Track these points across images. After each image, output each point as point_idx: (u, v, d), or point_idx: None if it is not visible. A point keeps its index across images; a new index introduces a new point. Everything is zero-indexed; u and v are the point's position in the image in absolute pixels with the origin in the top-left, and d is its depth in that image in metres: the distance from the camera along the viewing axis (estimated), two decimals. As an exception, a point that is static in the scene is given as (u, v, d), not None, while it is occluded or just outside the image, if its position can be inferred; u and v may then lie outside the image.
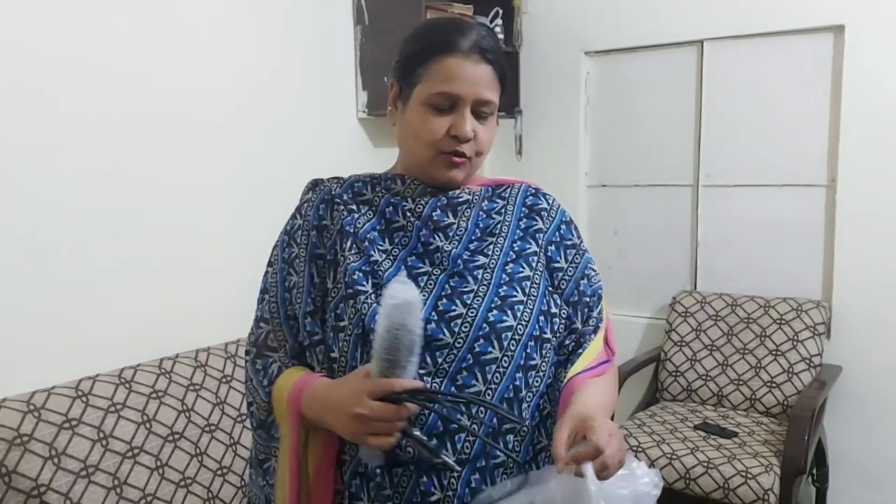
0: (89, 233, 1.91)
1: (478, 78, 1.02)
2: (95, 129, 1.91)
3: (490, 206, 1.11)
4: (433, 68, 1.02)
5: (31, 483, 1.59)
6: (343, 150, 2.69)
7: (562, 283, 1.09)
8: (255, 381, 1.08)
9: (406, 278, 0.97)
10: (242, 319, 2.23)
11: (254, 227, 2.34)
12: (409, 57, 1.06)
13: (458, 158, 1.03)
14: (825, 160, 2.80)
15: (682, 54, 3.06)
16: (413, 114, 1.04)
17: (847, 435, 2.77)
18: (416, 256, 1.04)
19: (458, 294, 1.00)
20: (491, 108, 1.05)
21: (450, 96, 1.01)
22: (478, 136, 1.04)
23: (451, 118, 1.02)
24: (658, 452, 2.40)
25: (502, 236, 1.07)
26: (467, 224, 1.07)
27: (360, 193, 1.10)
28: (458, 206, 1.08)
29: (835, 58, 2.74)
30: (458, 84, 1.01)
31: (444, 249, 1.03)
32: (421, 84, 1.03)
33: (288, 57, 2.47)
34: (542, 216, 1.12)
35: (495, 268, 1.04)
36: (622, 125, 3.24)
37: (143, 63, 2.02)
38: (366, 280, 1.00)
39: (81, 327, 1.90)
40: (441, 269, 1.03)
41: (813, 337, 2.69)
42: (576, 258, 1.12)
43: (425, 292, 1.00)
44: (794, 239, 2.88)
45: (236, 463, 1.99)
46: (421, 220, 1.05)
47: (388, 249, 1.04)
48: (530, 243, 1.08)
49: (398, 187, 1.09)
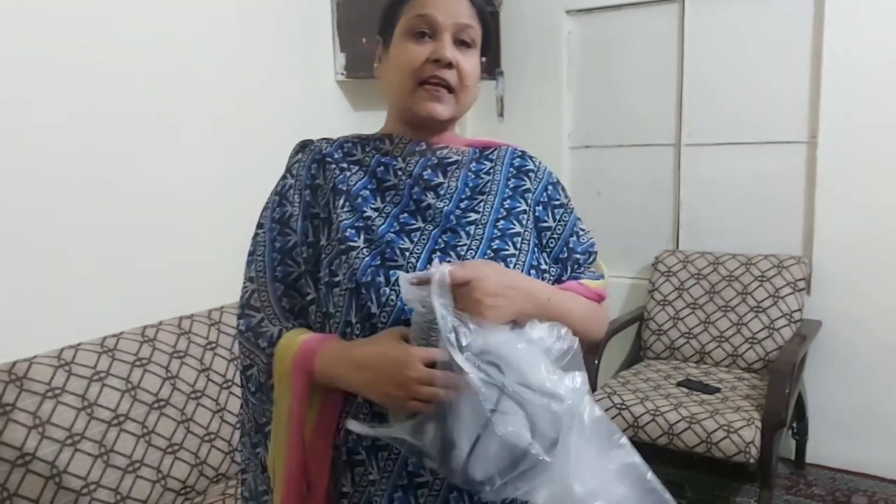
0: (70, 200, 1.88)
1: (456, 6, 1.03)
2: (78, 95, 1.87)
3: (478, 167, 1.11)
4: (412, 1, 1.04)
5: (16, 452, 1.58)
6: (322, 113, 2.66)
7: (550, 241, 1.11)
8: (249, 343, 1.05)
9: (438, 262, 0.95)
10: (226, 286, 2.22)
11: (235, 191, 2.31)
12: (389, 4, 1.07)
13: (438, 90, 1.02)
14: (806, 117, 2.81)
15: (664, 12, 3.03)
16: (395, 50, 1.05)
17: (826, 388, 2.82)
18: (408, 213, 1.04)
19: (452, 247, 1.01)
20: (472, 36, 1.04)
21: (427, 19, 1.02)
22: (461, 66, 1.03)
23: (431, 45, 1.02)
24: (642, 409, 2.43)
25: (492, 195, 1.08)
26: (457, 183, 1.08)
27: (350, 154, 1.09)
28: (447, 166, 1.08)
29: (815, 14, 2.73)
30: (434, 7, 1.02)
31: (435, 207, 1.04)
32: (401, 20, 1.04)
33: (265, 20, 2.42)
34: (529, 177, 1.13)
35: (487, 223, 1.05)
36: (604, 85, 3.22)
37: (120, 28, 1.97)
38: (358, 236, 1.01)
39: (63, 295, 1.87)
40: (434, 224, 1.03)
41: (793, 293, 2.72)
42: (564, 217, 1.13)
43: (419, 247, 1.01)
44: (775, 196, 2.89)
45: (223, 429, 1.99)
46: (412, 178, 1.06)
47: (380, 207, 1.04)
48: (519, 202, 1.10)
49: (387, 147, 1.09)
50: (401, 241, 1.01)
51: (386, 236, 1.01)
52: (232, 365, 2.08)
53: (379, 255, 0.99)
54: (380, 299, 0.97)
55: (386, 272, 0.98)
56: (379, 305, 0.96)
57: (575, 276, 1.12)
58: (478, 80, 1.09)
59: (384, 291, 0.97)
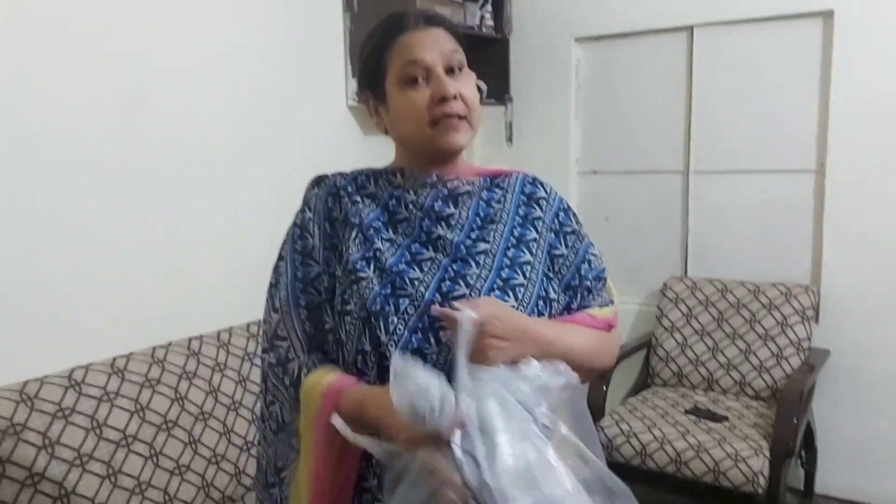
0: (83, 223, 1.90)
1: (434, 39, 1.05)
2: (91, 120, 1.90)
3: (489, 196, 1.13)
4: (392, 52, 1.05)
5: (25, 472, 1.59)
6: (332, 138, 2.69)
7: (562, 268, 1.12)
8: (276, 378, 1.07)
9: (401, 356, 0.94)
10: (234, 308, 2.25)
11: (245, 214, 2.34)
12: (366, 60, 1.10)
13: (453, 122, 1.04)
14: (814, 146, 2.82)
15: (672, 40, 3.06)
16: (394, 101, 1.06)
17: (835, 418, 2.80)
18: (419, 244, 1.06)
19: (461, 276, 1.03)
20: (460, 59, 1.07)
21: (417, 63, 1.03)
22: (462, 92, 1.04)
23: (429, 87, 1.04)
24: (650, 437, 2.42)
25: (502, 223, 1.10)
26: (468, 213, 1.09)
27: (364, 186, 1.11)
28: (458, 196, 1.10)
29: (824, 43, 2.75)
30: (420, 50, 1.04)
31: (446, 238, 1.06)
32: (388, 71, 1.06)
33: (277, 45, 2.46)
34: (540, 205, 1.15)
35: (497, 253, 1.06)
36: (612, 112, 3.25)
37: (135, 48, 2.00)
38: (368, 266, 1.02)
39: (74, 316, 1.89)
40: (444, 254, 1.05)
41: (802, 321, 2.72)
42: (576, 244, 1.15)
43: (429, 276, 1.02)
44: (783, 224, 2.90)
45: (230, 451, 1.99)
46: (423, 210, 1.07)
47: (392, 238, 1.06)
48: (530, 230, 1.11)
49: (399, 180, 1.11)
50: (411, 270, 1.03)
51: (396, 266, 1.03)
52: (240, 387, 2.08)
53: (389, 285, 1.01)
54: (388, 328, 0.98)
55: (395, 300, 1.00)
56: (387, 334, 0.98)
57: (584, 306, 1.13)
58: (478, 98, 1.10)
59: (392, 321, 0.98)
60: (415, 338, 0.98)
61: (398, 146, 1.14)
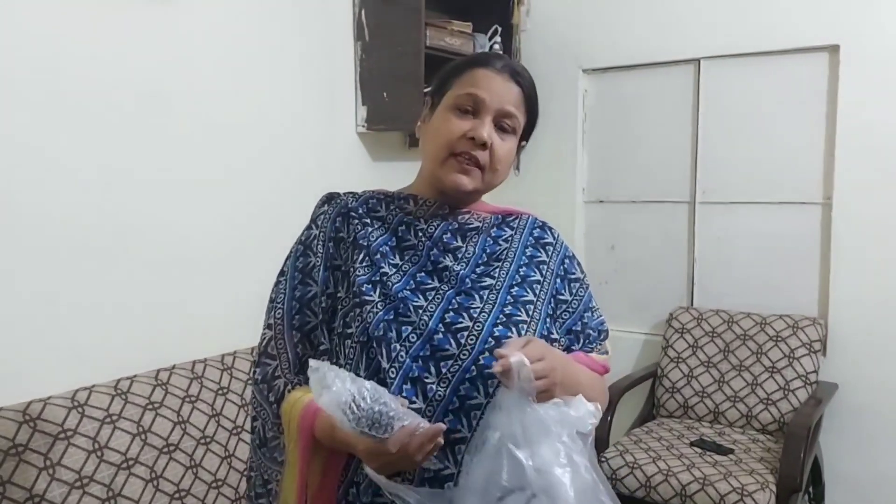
0: (87, 244, 1.91)
1: (505, 90, 1.07)
2: (100, 144, 1.92)
3: (498, 234, 1.14)
4: (465, 77, 1.08)
5: (25, 493, 1.58)
6: (342, 164, 2.71)
7: (564, 314, 1.13)
8: (261, 395, 1.08)
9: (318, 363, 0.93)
10: (239, 331, 2.25)
11: (252, 239, 2.35)
12: (446, 72, 1.12)
13: (468, 164, 1.05)
14: (821, 178, 2.82)
15: (679, 73, 3.09)
16: (437, 117, 1.09)
17: (843, 453, 2.77)
18: (425, 273, 1.06)
19: (465, 309, 1.03)
20: (514, 125, 1.08)
21: (474, 98, 1.05)
22: (495, 148, 1.06)
23: (471, 122, 1.05)
24: (654, 469, 2.40)
25: (508, 261, 1.10)
26: (475, 248, 1.10)
27: (375, 210, 1.12)
28: (467, 231, 1.11)
29: (830, 77, 2.77)
30: (484, 90, 1.05)
31: (452, 269, 1.06)
32: (450, 91, 1.08)
33: (288, 71, 2.49)
34: (546, 250, 1.16)
35: (501, 289, 1.06)
36: (619, 142, 3.27)
37: (146, 76, 2.03)
38: (374, 290, 1.02)
39: (78, 338, 1.89)
40: (449, 285, 1.05)
41: (809, 354, 2.70)
42: (580, 291, 1.16)
43: (433, 305, 1.03)
44: (790, 256, 2.89)
45: (231, 476, 1.98)
46: (432, 240, 1.08)
47: (398, 264, 1.06)
48: (534, 272, 1.11)
49: (411, 207, 1.12)
50: (415, 298, 1.03)
51: (401, 293, 1.03)
52: (242, 411, 2.08)
53: (393, 311, 1.01)
54: (390, 354, 0.98)
55: (398, 327, 1.00)
56: (388, 360, 0.98)
57: (586, 350, 1.15)
58: (510, 166, 1.12)
59: (394, 347, 0.98)
60: (416, 366, 0.98)
61: (420, 170, 1.15)
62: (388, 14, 2.66)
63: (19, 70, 1.75)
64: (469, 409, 0.97)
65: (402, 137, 2.98)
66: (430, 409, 0.96)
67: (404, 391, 0.97)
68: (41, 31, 1.79)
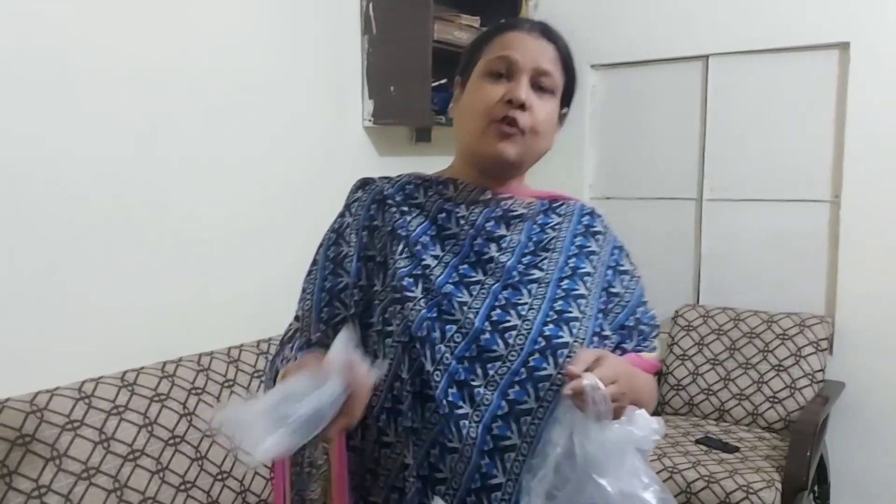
0: (95, 237, 1.91)
1: (539, 49, 1.00)
2: (108, 137, 1.92)
3: (545, 221, 1.07)
4: (494, 42, 1.02)
5: (31, 484, 1.58)
6: (348, 158, 2.70)
7: (616, 307, 1.06)
8: (267, 376, 1.05)
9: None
10: (246, 324, 2.25)
11: (257, 234, 2.35)
12: (473, 45, 1.06)
13: (509, 128, 0.97)
14: (829, 176, 2.81)
15: (688, 69, 3.08)
16: (470, 89, 1.02)
17: (849, 452, 2.76)
18: (468, 265, 1.00)
19: (513, 305, 0.96)
20: (552, 84, 1.01)
21: (506, 60, 0.99)
22: (535, 109, 0.98)
23: (507, 86, 0.98)
24: (660, 466, 2.39)
25: (557, 251, 1.04)
26: (520, 237, 1.03)
27: (412, 196, 1.06)
28: (512, 218, 1.04)
29: (840, 75, 2.76)
30: (516, 50, 0.99)
31: (498, 260, 1.00)
32: (481, 60, 1.02)
33: (296, 65, 2.48)
34: (596, 239, 1.09)
35: (550, 282, 1.00)
36: (627, 138, 3.26)
37: (154, 67, 2.03)
38: (415, 285, 0.97)
39: (85, 329, 1.90)
40: (494, 279, 0.99)
41: (816, 352, 2.69)
42: (631, 285, 1.09)
43: (478, 301, 0.97)
44: (797, 254, 2.88)
45: (236, 468, 1.98)
46: (474, 228, 1.02)
47: (439, 255, 1.00)
48: (584, 263, 1.04)
49: (450, 192, 1.05)
50: (459, 293, 0.97)
51: (444, 287, 0.97)
52: (248, 404, 2.08)
53: (436, 307, 0.95)
54: (434, 356, 0.92)
55: (442, 326, 0.94)
56: (433, 363, 0.92)
57: (636, 349, 1.07)
58: (553, 131, 1.04)
59: (439, 349, 0.93)
60: (461, 368, 0.92)
61: (456, 151, 1.09)
62: (395, 8, 2.65)
63: (28, 59, 1.75)
64: (519, 415, 0.91)
65: (408, 132, 2.98)
66: (476, 415, 0.91)
67: (449, 395, 0.91)
68: (51, 20, 1.79)
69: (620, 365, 0.92)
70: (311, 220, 1.12)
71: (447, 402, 0.91)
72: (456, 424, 0.91)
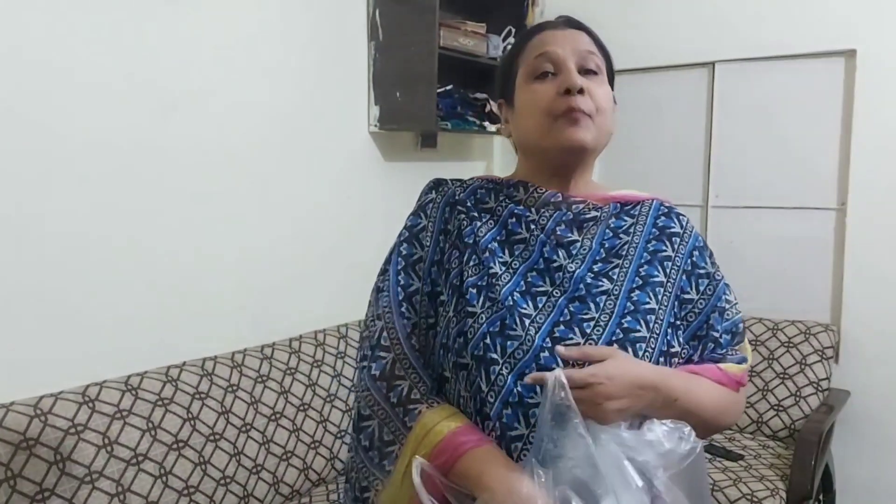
0: (98, 241, 1.92)
1: (574, 38, 1.01)
2: (114, 137, 1.93)
3: (617, 224, 1.02)
4: (528, 48, 1.02)
5: (35, 487, 1.59)
6: (354, 164, 2.71)
7: (689, 315, 0.99)
8: (380, 394, 0.97)
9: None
10: (248, 329, 2.26)
11: (263, 238, 2.35)
12: (506, 61, 1.06)
13: (576, 115, 0.95)
14: (835, 184, 2.80)
15: (694, 76, 3.07)
16: (519, 98, 1.02)
17: (854, 461, 2.74)
18: (536, 272, 0.97)
19: (578, 321, 0.92)
20: (596, 63, 1.00)
21: (548, 55, 0.98)
22: (591, 90, 0.97)
23: (557, 79, 0.98)
24: (663, 473, 2.38)
25: (628, 259, 0.99)
26: (591, 243, 0.99)
27: (483, 201, 1.04)
28: (583, 222, 1.01)
29: (846, 82, 2.75)
30: (553, 44, 0.99)
31: (566, 269, 0.96)
32: (520, 69, 1.02)
33: (302, 70, 2.49)
34: (672, 241, 1.03)
35: (619, 295, 0.95)
36: (632, 144, 3.25)
37: (162, 76, 2.04)
38: (477, 297, 0.94)
39: (89, 334, 1.90)
40: (561, 290, 0.95)
41: (821, 361, 2.67)
42: (708, 289, 1.01)
43: (542, 315, 0.93)
44: (803, 262, 2.87)
45: (239, 473, 1.99)
46: (545, 233, 0.99)
47: (507, 261, 0.97)
48: (657, 270, 0.99)
49: (520, 195, 1.03)
50: (524, 304, 0.93)
51: (509, 298, 0.93)
52: (251, 408, 2.08)
53: (498, 321, 0.92)
54: (489, 377, 0.89)
55: (503, 342, 0.90)
56: (487, 383, 0.89)
57: (714, 359, 1.00)
58: (612, 109, 1.02)
59: (493, 370, 0.89)
60: (520, 386, 0.88)
61: (520, 156, 1.08)
62: (402, 14, 2.66)
63: (34, 71, 1.76)
64: None
65: (414, 138, 2.98)
66: (533, 437, 0.86)
67: (504, 416, 0.88)
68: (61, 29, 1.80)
69: (632, 371, 0.87)
70: (315, 227, 1.12)
71: (500, 424, 0.89)
72: (507, 447, 0.89)
